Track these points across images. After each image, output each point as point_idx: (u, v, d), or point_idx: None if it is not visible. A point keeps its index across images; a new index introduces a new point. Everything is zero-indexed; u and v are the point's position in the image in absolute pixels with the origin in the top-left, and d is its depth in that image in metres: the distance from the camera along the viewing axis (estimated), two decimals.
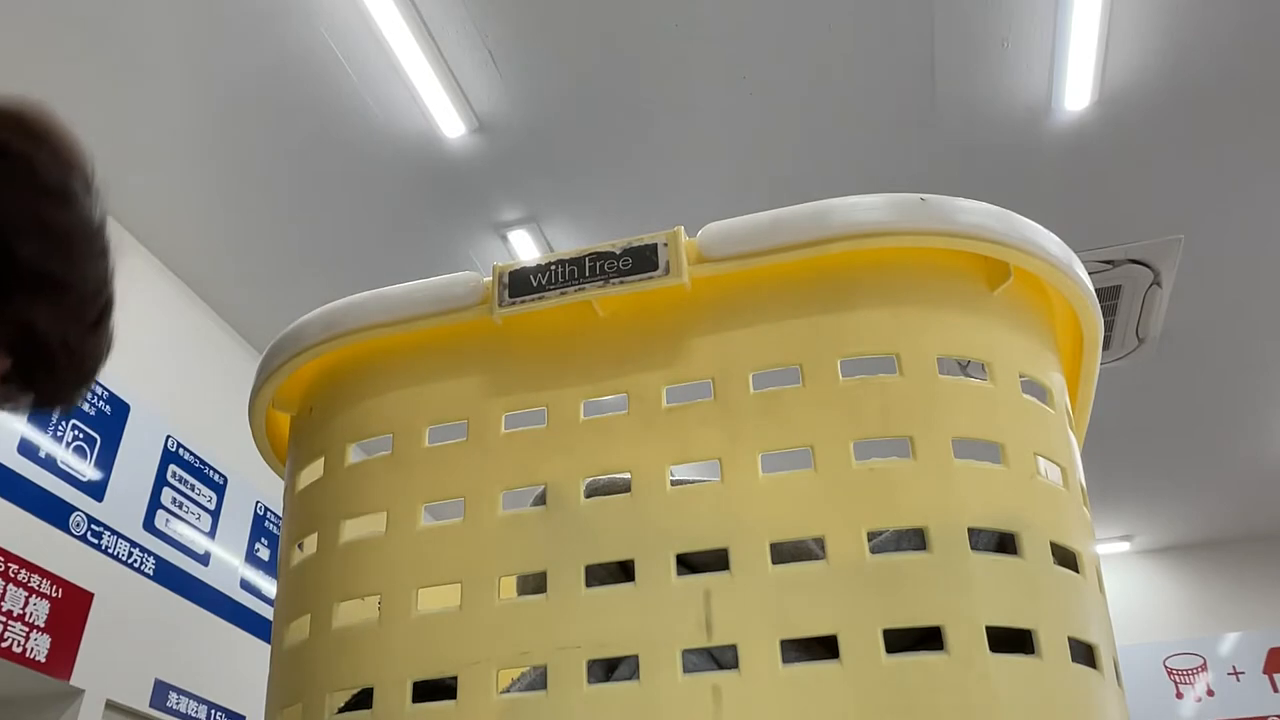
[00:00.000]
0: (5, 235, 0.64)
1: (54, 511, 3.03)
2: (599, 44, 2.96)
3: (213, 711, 3.53)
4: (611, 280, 0.66)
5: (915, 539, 0.60)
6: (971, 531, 0.59)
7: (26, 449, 2.98)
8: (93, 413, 3.27)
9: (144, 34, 2.91)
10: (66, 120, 0.71)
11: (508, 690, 0.63)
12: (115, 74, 3.03)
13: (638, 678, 0.59)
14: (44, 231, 0.66)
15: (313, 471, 0.74)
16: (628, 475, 0.65)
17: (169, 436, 3.60)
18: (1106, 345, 4.03)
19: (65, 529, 3.06)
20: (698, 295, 0.67)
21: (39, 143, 0.68)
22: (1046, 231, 0.68)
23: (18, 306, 0.65)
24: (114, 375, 3.35)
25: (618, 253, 0.67)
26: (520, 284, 0.68)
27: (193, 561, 3.61)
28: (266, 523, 4.10)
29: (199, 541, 3.67)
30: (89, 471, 3.20)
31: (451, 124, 3.17)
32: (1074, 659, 0.58)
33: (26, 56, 2.96)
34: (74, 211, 0.69)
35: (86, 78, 3.04)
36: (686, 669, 0.58)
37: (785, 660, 0.57)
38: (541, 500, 0.66)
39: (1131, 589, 5.67)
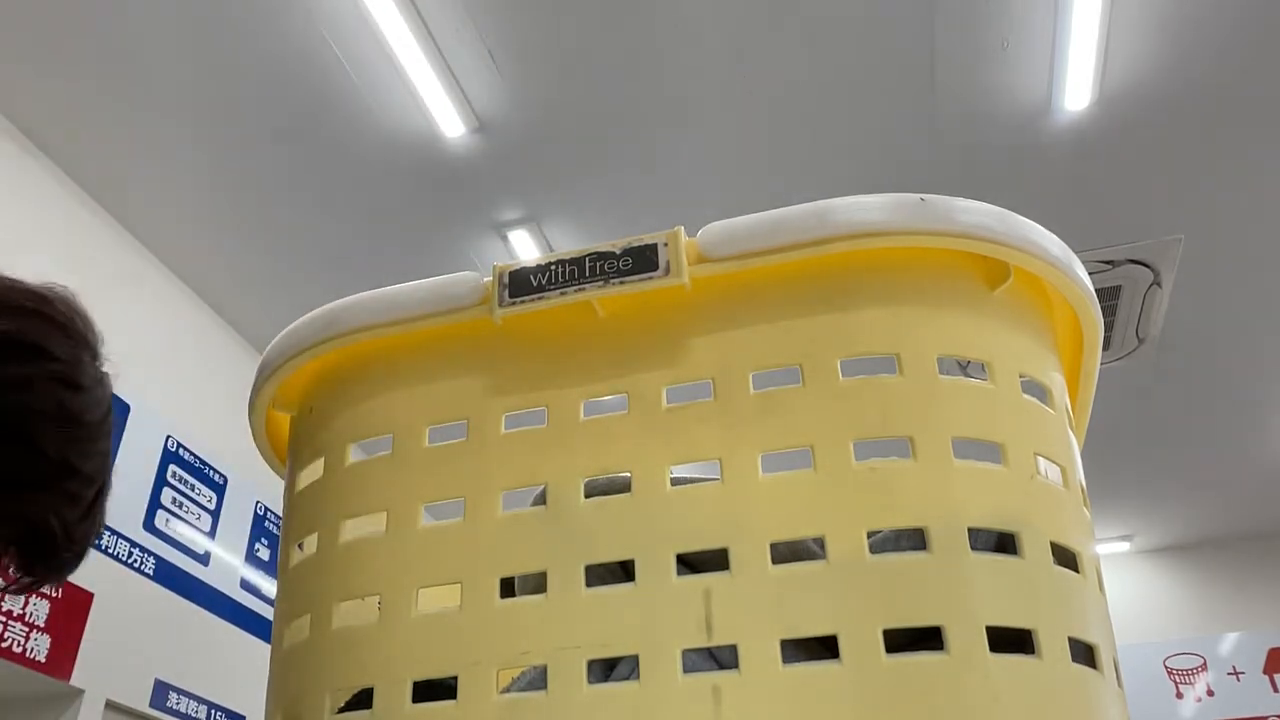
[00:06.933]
0: (30, 425, 0.63)
1: None
2: (599, 44, 2.96)
3: (213, 711, 3.53)
4: (611, 280, 0.66)
5: (913, 538, 0.60)
6: (971, 531, 0.59)
7: None
8: None
9: (143, 33, 2.91)
10: (86, 304, 0.70)
11: (508, 690, 0.63)
12: (115, 74, 3.03)
13: (637, 677, 0.59)
14: (62, 418, 0.65)
15: (313, 471, 0.74)
16: (628, 475, 0.65)
17: (169, 436, 3.60)
18: (1106, 345, 4.03)
19: None
20: (698, 295, 0.67)
21: (62, 331, 0.67)
22: (1046, 231, 0.68)
23: (31, 502, 0.63)
24: (114, 375, 3.35)
25: (618, 253, 0.67)
26: (520, 284, 0.68)
27: (193, 561, 3.61)
28: (266, 523, 4.10)
29: (199, 541, 3.67)
30: None
31: (451, 124, 3.17)
32: (1074, 659, 0.58)
33: (28, 58, 2.96)
34: (88, 396, 0.68)
35: (86, 78, 3.04)
36: (686, 669, 0.58)
37: (785, 660, 0.57)
38: (541, 500, 0.66)
39: (1131, 589, 5.67)
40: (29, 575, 0.67)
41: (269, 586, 4.00)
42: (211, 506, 3.79)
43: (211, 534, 3.75)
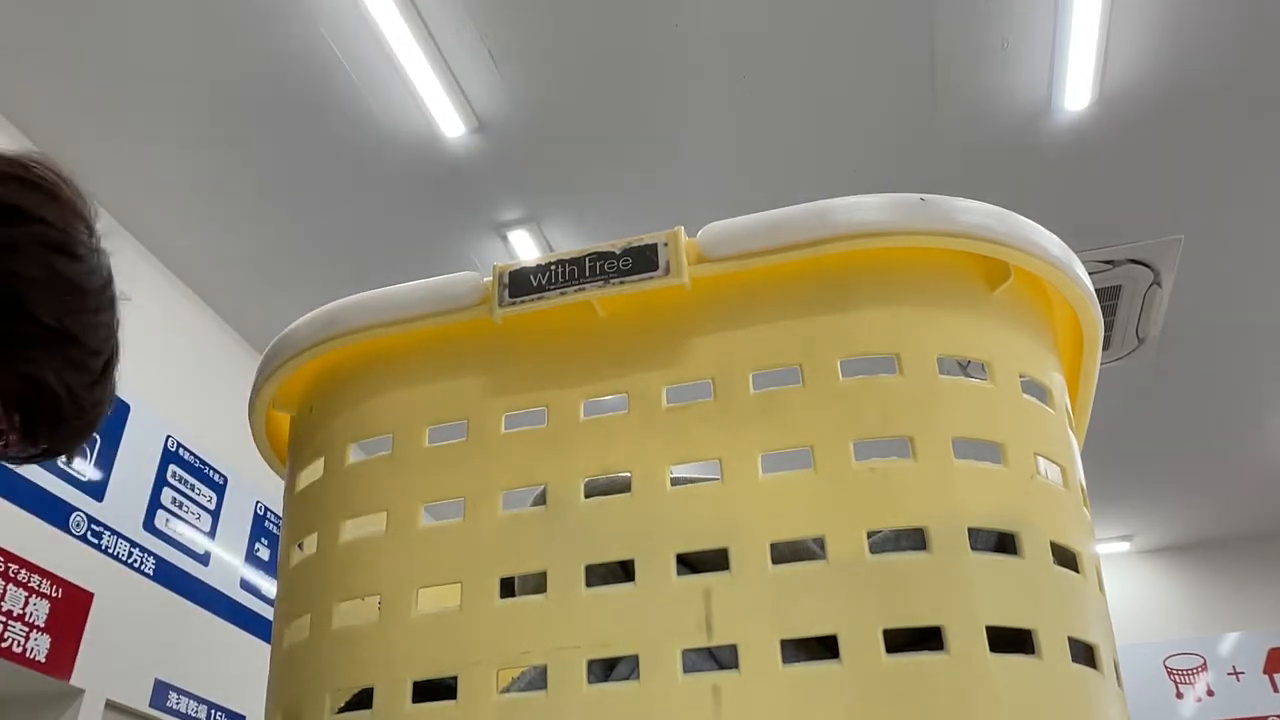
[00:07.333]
0: (18, 289, 0.63)
1: (54, 511, 3.03)
2: (599, 44, 2.96)
3: (213, 711, 3.53)
4: (611, 280, 0.66)
5: (913, 538, 0.60)
6: (971, 531, 0.59)
7: None
8: None
9: (143, 34, 2.91)
10: (71, 167, 0.70)
11: (508, 690, 0.63)
12: (114, 74, 3.03)
13: (637, 677, 0.59)
14: (57, 285, 0.65)
15: (313, 471, 0.74)
16: (628, 475, 0.65)
17: (169, 436, 3.60)
18: (1106, 345, 4.03)
19: (65, 529, 3.06)
20: (698, 295, 0.67)
21: (47, 196, 0.67)
22: (1046, 231, 0.68)
23: (29, 360, 0.63)
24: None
25: (618, 253, 0.67)
26: (520, 284, 0.68)
27: (193, 561, 3.61)
28: (266, 523, 4.10)
29: (199, 541, 3.67)
30: (89, 471, 3.20)
31: (451, 124, 3.17)
32: (1074, 659, 0.58)
33: (25, 59, 2.96)
34: (83, 264, 0.68)
35: (85, 79, 3.04)
36: (686, 669, 0.58)
37: (785, 660, 0.57)
38: (541, 500, 0.66)
39: (1131, 589, 5.67)
40: (33, 442, 0.67)
41: (269, 586, 4.00)
42: (211, 506, 3.79)
43: (211, 534, 3.75)
